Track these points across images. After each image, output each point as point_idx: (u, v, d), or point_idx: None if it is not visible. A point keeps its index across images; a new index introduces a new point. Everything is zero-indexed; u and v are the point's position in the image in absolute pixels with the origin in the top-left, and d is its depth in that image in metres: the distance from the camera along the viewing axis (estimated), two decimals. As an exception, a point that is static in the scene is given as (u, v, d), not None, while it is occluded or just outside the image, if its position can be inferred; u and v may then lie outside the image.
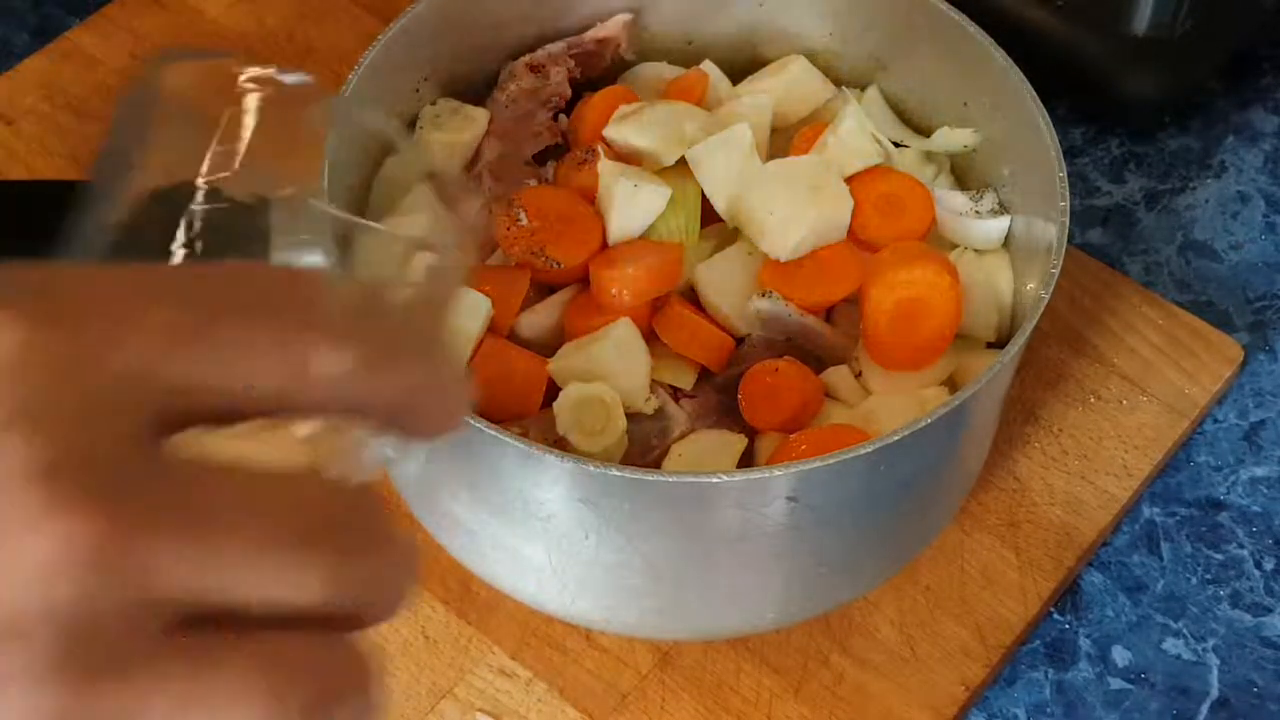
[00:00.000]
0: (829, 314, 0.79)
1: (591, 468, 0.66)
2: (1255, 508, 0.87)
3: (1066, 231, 0.73)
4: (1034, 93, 0.77)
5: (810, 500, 0.68)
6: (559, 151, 0.84)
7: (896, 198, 0.79)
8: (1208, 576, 0.85)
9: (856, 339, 0.78)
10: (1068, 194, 0.74)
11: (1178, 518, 0.87)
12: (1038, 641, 0.83)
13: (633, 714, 0.78)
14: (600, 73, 0.87)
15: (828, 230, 0.77)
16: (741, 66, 0.88)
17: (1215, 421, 0.91)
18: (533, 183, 0.81)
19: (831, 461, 0.66)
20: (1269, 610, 0.84)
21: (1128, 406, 0.89)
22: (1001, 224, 0.81)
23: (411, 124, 0.83)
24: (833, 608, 0.80)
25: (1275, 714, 0.81)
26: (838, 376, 0.77)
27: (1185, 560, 0.86)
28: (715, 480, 0.66)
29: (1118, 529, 0.87)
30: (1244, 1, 1.01)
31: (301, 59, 1.01)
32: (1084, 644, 0.83)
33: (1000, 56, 0.78)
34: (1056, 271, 0.72)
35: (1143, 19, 0.98)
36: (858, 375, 0.77)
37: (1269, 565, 0.85)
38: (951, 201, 0.81)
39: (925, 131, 0.85)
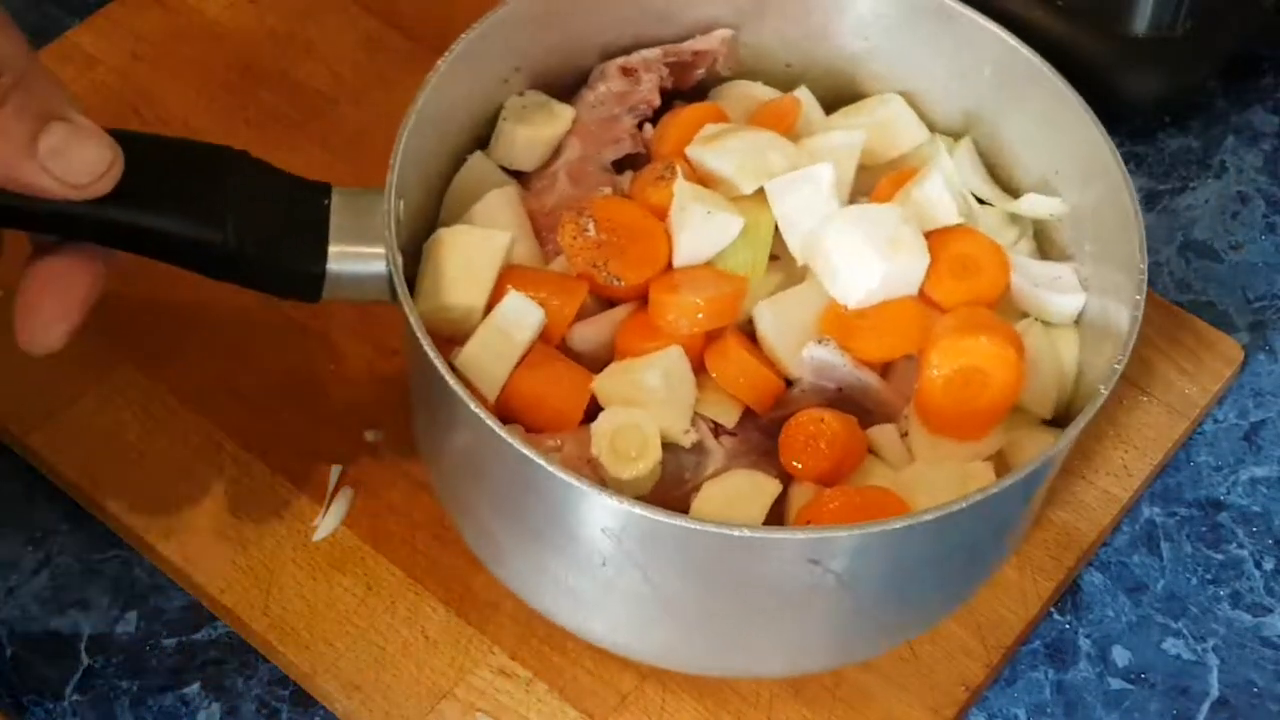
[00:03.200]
0: (886, 367, 0.76)
1: (611, 500, 0.65)
2: (1255, 508, 0.87)
3: (1138, 326, 0.70)
4: (1126, 174, 0.74)
5: (832, 565, 0.67)
6: (639, 161, 0.82)
7: (973, 260, 0.77)
8: (1208, 576, 0.85)
9: (909, 399, 0.75)
10: (1144, 289, 0.71)
11: (1178, 518, 0.87)
12: (1038, 641, 0.83)
13: (632, 714, 0.78)
14: (692, 85, 0.86)
15: (900, 284, 0.75)
16: (838, 96, 0.86)
17: (1215, 421, 0.91)
18: (607, 190, 0.80)
19: (856, 533, 0.65)
20: (1269, 610, 0.84)
21: (1127, 406, 0.89)
22: (1076, 301, 0.78)
23: (496, 113, 0.82)
24: (842, 665, 0.79)
25: (1275, 714, 0.81)
26: (883, 435, 0.75)
27: (1185, 560, 0.86)
28: (735, 534, 0.65)
29: (1118, 529, 0.87)
30: (1244, 1, 1.01)
31: (301, 59, 1.01)
32: (1084, 644, 0.83)
33: (1098, 131, 0.76)
34: (1120, 368, 0.69)
35: (1143, 19, 0.98)
36: (904, 435, 0.75)
37: (1269, 565, 0.85)
38: (1029, 270, 0.78)
39: (1014, 192, 0.83)
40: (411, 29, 1.02)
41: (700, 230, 0.75)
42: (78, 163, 0.65)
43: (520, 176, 0.83)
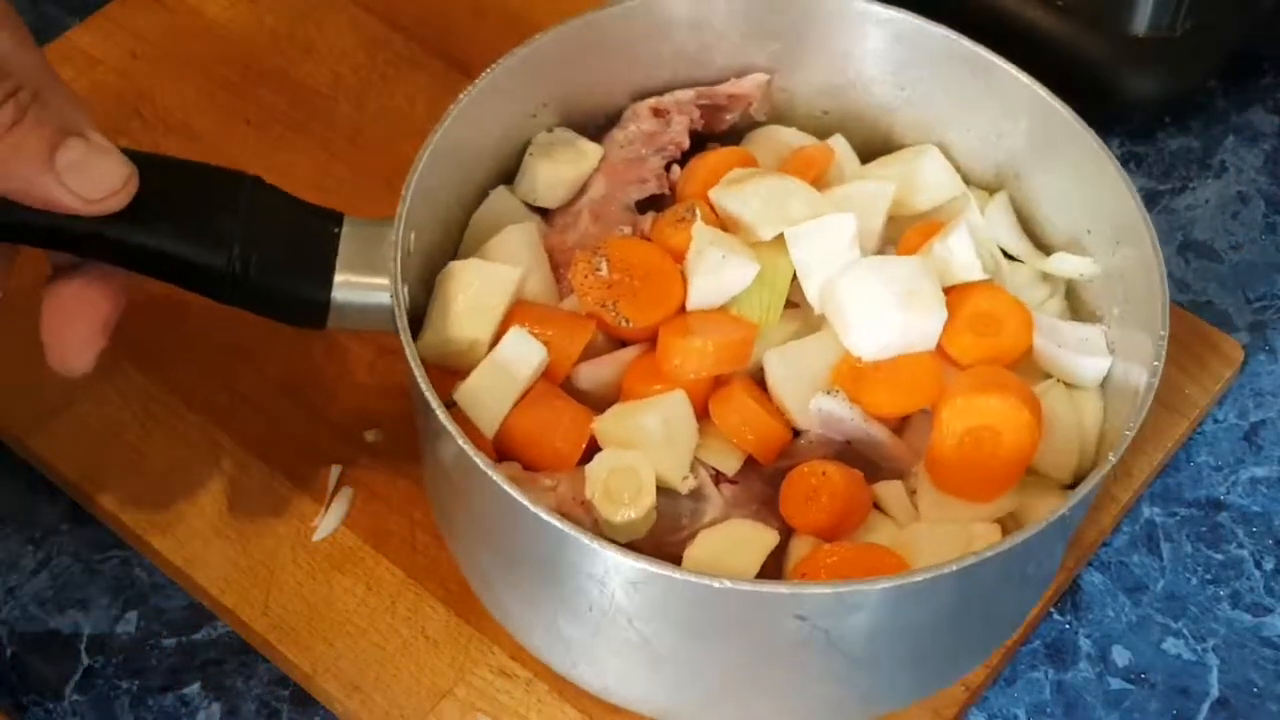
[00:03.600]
0: (901, 421, 0.75)
1: (595, 545, 0.64)
2: (1255, 508, 0.87)
3: (1153, 395, 0.69)
4: (1155, 239, 0.73)
5: (821, 623, 0.66)
6: (664, 202, 0.81)
7: (994, 317, 0.75)
8: (1208, 576, 0.85)
9: (920, 455, 0.74)
10: (1163, 355, 0.70)
11: (1178, 518, 0.87)
12: (1038, 641, 0.83)
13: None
14: (725, 128, 0.85)
15: (916, 338, 0.74)
16: (873, 146, 0.85)
17: (1215, 421, 0.91)
18: (627, 230, 0.79)
19: (843, 590, 0.64)
20: (1269, 610, 0.84)
21: (1128, 406, 0.88)
22: (1101, 364, 0.76)
23: (523, 147, 0.82)
24: None
25: (1275, 714, 0.81)
26: (890, 491, 0.74)
27: (1185, 560, 0.86)
28: (716, 585, 0.64)
29: (1118, 529, 0.87)
30: (1244, 1, 1.01)
31: (301, 59, 1.01)
32: (1084, 644, 0.83)
33: (1130, 193, 0.75)
34: (1131, 434, 0.68)
35: (1143, 19, 0.98)
36: (913, 493, 0.74)
37: (1269, 565, 0.85)
38: (1056, 331, 0.77)
39: (1046, 248, 0.82)
40: (411, 29, 1.02)
41: (715, 274, 0.74)
42: (95, 177, 0.66)
43: (544, 212, 0.82)
